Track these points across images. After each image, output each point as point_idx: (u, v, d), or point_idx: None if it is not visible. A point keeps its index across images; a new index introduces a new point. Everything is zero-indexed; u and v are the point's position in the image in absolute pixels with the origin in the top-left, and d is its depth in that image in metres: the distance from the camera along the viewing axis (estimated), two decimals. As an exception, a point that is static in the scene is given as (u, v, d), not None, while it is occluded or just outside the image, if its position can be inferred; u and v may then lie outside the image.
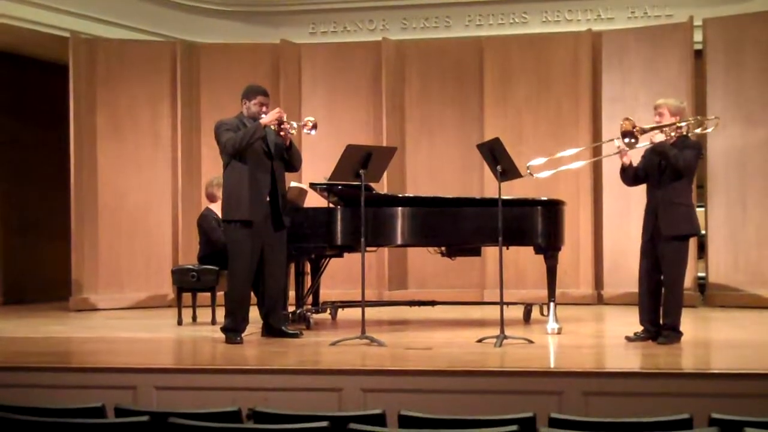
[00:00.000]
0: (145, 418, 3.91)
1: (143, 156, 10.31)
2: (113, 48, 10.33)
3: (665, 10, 10.77)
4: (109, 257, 10.10)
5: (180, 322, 8.13)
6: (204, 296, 8.31)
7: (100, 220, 10.11)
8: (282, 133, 6.72)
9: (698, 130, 6.70)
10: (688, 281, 7.30)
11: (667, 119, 6.44)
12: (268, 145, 6.75)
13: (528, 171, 6.92)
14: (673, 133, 6.39)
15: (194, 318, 8.36)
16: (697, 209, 6.67)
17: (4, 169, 11.11)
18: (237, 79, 9.31)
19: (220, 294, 8.01)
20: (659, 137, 6.39)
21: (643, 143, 6.49)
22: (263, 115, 6.71)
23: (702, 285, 9.82)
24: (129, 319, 8.99)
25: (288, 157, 6.84)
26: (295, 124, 6.78)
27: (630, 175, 6.63)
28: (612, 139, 6.65)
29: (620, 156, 6.53)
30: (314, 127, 6.73)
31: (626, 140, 6.32)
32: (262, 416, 4.12)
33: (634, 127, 6.29)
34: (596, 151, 8.99)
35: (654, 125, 6.43)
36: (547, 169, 7.12)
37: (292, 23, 11.48)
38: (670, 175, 6.36)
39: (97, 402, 4.24)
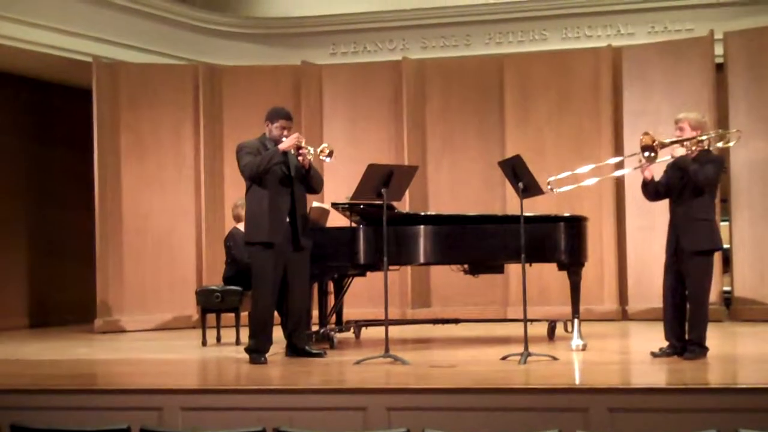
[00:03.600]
0: (170, 439, 3.92)
1: (167, 178, 10.38)
2: (136, 72, 10.43)
3: (686, 24, 10.75)
4: (134, 279, 10.16)
5: (204, 343, 8.16)
6: (228, 317, 8.34)
7: (125, 242, 10.18)
8: (300, 158, 6.75)
9: (720, 144, 6.67)
10: (713, 295, 7.26)
11: (688, 133, 6.41)
12: (288, 168, 6.78)
13: (549, 186, 6.90)
14: (694, 147, 6.36)
15: (218, 339, 8.39)
16: (722, 223, 6.64)
17: (29, 193, 11.23)
18: (259, 100, 9.40)
19: (244, 314, 8.05)
20: (680, 151, 6.36)
21: (665, 157, 6.46)
22: (284, 139, 6.75)
23: (727, 299, 9.76)
24: (154, 340, 9.04)
25: (308, 180, 6.86)
26: (312, 150, 6.80)
27: (651, 191, 6.60)
28: (634, 154, 6.62)
29: (642, 171, 6.51)
30: (330, 154, 6.75)
31: (646, 154, 6.29)
32: (287, 436, 4.12)
33: (653, 141, 6.27)
34: (617, 166, 8.95)
35: (674, 139, 6.41)
36: (567, 184, 7.11)
37: (312, 44, 11.55)
38: (692, 191, 6.33)
39: (123, 424, 4.26)
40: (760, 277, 9.47)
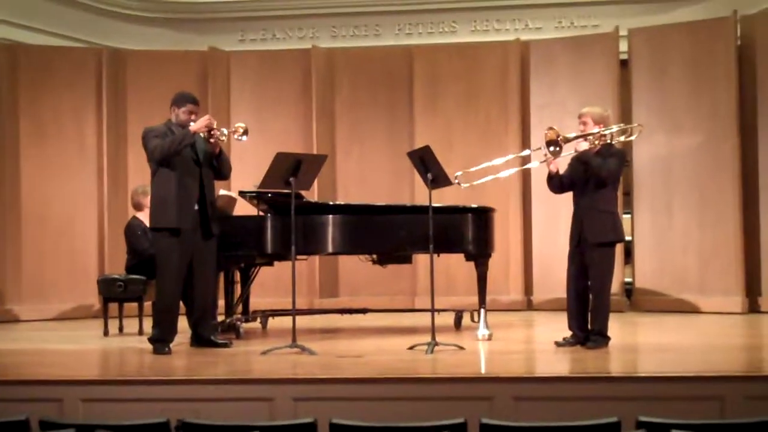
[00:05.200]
0: (71, 431, 3.83)
1: (68, 164, 10.11)
2: (37, 54, 10.12)
3: (591, 20, 10.94)
4: (33, 267, 9.87)
5: (106, 333, 7.98)
6: (131, 306, 8.17)
7: (24, 229, 9.88)
8: (212, 141, 6.65)
9: (622, 138, 6.81)
10: (615, 286, 7.41)
11: (591, 128, 6.54)
12: (197, 152, 6.67)
13: (456, 181, 6.95)
14: (597, 141, 6.49)
15: (121, 329, 8.21)
16: (624, 216, 6.78)
17: None
18: (164, 86, 9.20)
19: (147, 304, 7.90)
20: (584, 145, 6.48)
21: (569, 152, 6.57)
22: (192, 124, 6.63)
23: (629, 290, 9.99)
24: (53, 330, 8.81)
25: (217, 165, 6.77)
26: (225, 131, 6.71)
27: (556, 184, 6.71)
28: (539, 148, 6.72)
29: (548, 164, 6.61)
30: (245, 132, 6.68)
31: (551, 149, 6.40)
32: (192, 427, 4.06)
33: (558, 136, 6.38)
34: (524, 160, 9.07)
35: (578, 134, 6.52)
36: (475, 179, 7.18)
37: (220, 30, 11.38)
38: (595, 184, 6.46)
39: (21, 415, 4.14)
40: (660, 269, 9.72)
